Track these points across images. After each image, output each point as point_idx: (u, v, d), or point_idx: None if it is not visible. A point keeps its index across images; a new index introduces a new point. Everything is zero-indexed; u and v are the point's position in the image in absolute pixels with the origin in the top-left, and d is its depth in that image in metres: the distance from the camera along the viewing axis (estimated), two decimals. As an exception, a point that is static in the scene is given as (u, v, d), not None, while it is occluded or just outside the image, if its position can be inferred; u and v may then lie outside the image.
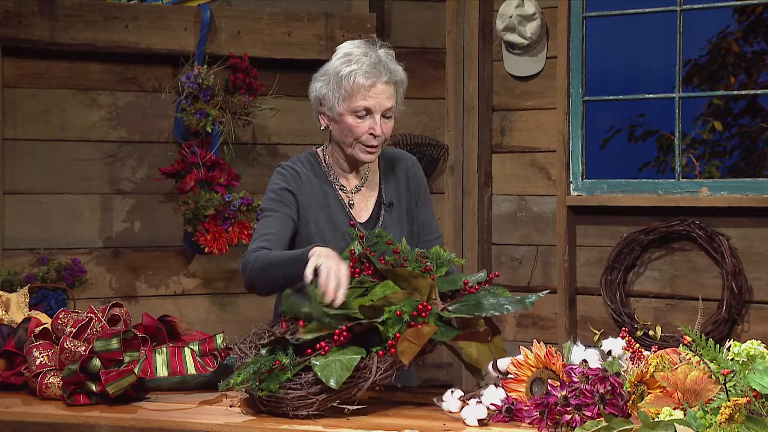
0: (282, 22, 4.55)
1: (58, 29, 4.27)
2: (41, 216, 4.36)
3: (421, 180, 2.99)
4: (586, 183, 4.61)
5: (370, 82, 2.76)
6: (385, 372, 2.40)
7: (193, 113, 4.26)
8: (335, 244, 2.74)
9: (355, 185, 2.90)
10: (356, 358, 2.38)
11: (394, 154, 3.00)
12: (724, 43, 7.23)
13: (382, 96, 2.78)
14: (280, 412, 2.40)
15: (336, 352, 2.41)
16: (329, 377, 2.35)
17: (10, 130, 4.31)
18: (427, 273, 2.55)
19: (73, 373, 2.53)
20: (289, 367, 2.39)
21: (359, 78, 2.75)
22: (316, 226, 2.83)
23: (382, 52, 2.81)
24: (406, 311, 2.40)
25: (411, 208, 2.93)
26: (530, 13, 4.59)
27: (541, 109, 4.69)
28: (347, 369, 2.36)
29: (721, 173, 7.23)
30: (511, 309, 2.49)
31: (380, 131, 2.79)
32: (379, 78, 2.76)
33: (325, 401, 2.39)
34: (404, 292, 2.47)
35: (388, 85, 2.78)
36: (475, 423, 2.29)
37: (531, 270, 4.73)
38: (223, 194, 4.26)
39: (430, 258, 2.62)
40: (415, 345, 2.37)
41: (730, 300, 4.25)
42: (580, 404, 2.15)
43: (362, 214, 2.88)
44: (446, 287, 2.57)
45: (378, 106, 2.78)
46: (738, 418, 1.94)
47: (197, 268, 4.54)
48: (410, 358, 2.37)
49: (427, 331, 2.39)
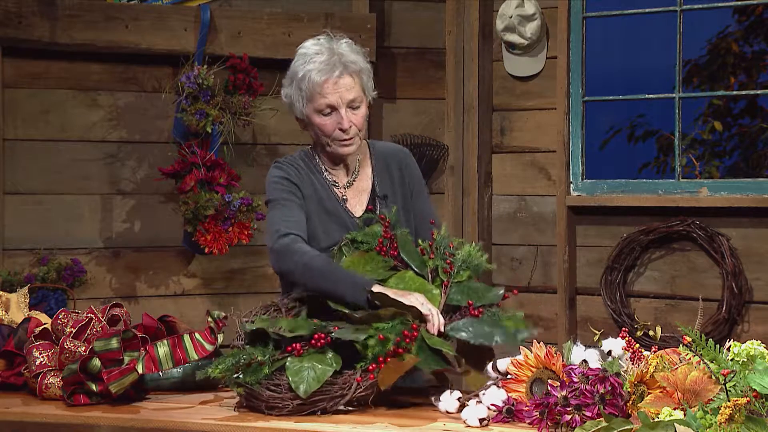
0: (282, 22, 4.55)
1: (58, 29, 4.27)
2: (41, 216, 4.35)
3: (414, 171, 2.97)
4: (586, 183, 4.61)
5: (325, 79, 2.75)
6: (364, 391, 2.40)
7: (193, 113, 4.26)
8: (335, 238, 2.77)
9: (347, 181, 2.90)
10: (329, 371, 2.37)
11: (385, 147, 3.00)
12: (724, 43, 7.22)
13: (342, 90, 2.77)
14: (257, 409, 2.41)
15: (313, 356, 2.40)
16: (299, 384, 2.35)
17: (10, 131, 4.31)
18: (447, 275, 2.54)
19: (73, 373, 2.53)
20: (267, 363, 2.39)
21: (314, 76, 2.76)
22: (319, 220, 2.83)
23: (339, 44, 2.80)
24: (391, 338, 2.40)
25: (407, 200, 2.92)
26: (530, 13, 4.59)
27: (541, 109, 4.69)
28: (318, 381, 2.36)
29: (721, 173, 7.23)
30: (500, 341, 2.48)
31: (347, 124, 2.78)
32: (332, 74, 2.75)
33: (300, 407, 2.38)
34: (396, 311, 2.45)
35: (345, 78, 2.77)
36: (477, 423, 2.29)
37: (531, 270, 4.73)
38: (223, 194, 4.26)
39: (459, 257, 2.60)
40: (396, 373, 2.37)
41: (730, 300, 4.25)
42: (580, 404, 2.15)
43: (357, 209, 2.88)
44: (459, 301, 2.56)
45: (340, 101, 2.77)
46: (738, 419, 1.94)
47: (197, 269, 4.54)
48: (389, 385, 2.38)
49: (408, 362, 2.38)
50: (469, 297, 2.55)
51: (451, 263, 2.57)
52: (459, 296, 2.56)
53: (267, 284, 4.53)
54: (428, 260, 2.60)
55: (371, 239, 2.68)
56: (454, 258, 2.58)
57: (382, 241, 2.64)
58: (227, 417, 2.43)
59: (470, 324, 2.49)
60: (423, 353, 2.42)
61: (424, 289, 2.56)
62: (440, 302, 2.53)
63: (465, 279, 2.59)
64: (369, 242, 2.67)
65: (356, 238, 2.68)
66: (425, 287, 2.57)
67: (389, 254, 2.62)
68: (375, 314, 2.46)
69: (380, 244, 2.64)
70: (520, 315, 2.54)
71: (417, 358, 2.39)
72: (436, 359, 2.43)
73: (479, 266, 2.62)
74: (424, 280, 2.58)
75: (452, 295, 2.55)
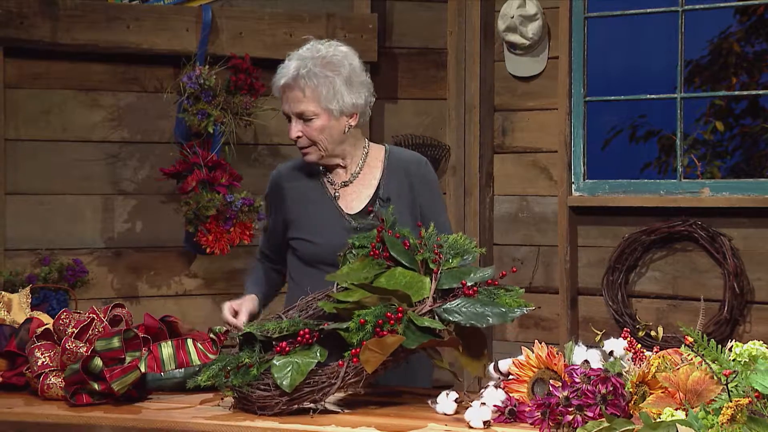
0: (283, 22, 4.55)
1: (60, 30, 4.27)
2: (43, 216, 4.36)
3: (427, 179, 2.99)
4: (587, 183, 4.61)
5: (280, 89, 2.85)
6: (353, 378, 2.40)
7: (195, 114, 4.26)
8: (324, 235, 2.87)
9: (344, 180, 2.95)
10: (312, 363, 2.38)
11: (402, 154, 3.03)
12: (726, 43, 7.23)
13: (293, 101, 2.83)
14: (249, 410, 2.42)
15: (299, 352, 2.41)
16: (283, 379, 2.36)
17: (12, 131, 4.31)
18: (435, 264, 2.54)
19: (75, 372, 2.53)
20: (255, 365, 2.40)
21: (276, 84, 2.86)
22: (307, 221, 2.92)
23: (318, 52, 2.83)
24: (370, 321, 2.40)
25: (415, 207, 2.94)
26: (532, 13, 4.59)
27: (543, 109, 4.69)
28: (302, 373, 2.36)
29: (723, 174, 7.23)
30: (492, 321, 2.45)
31: (294, 134, 2.86)
32: (286, 84, 2.83)
33: (290, 403, 2.38)
34: (378, 297, 2.46)
35: (295, 91, 2.81)
36: (480, 425, 2.28)
37: (532, 271, 4.73)
38: (225, 195, 4.26)
39: (446, 246, 2.61)
40: (379, 354, 2.36)
41: (732, 300, 4.25)
42: (581, 405, 2.15)
43: (353, 205, 2.93)
44: (449, 283, 2.56)
45: (291, 111, 2.85)
46: (740, 419, 1.94)
47: (199, 269, 4.55)
48: (374, 367, 2.37)
49: (391, 341, 2.37)
50: (461, 279, 2.55)
51: (438, 253, 2.57)
52: (449, 279, 2.56)
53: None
54: (418, 255, 2.60)
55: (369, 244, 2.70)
56: (442, 248, 2.59)
57: (374, 245, 2.65)
58: (226, 416, 2.43)
59: (463, 304, 2.48)
60: (409, 332, 2.42)
61: (414, 281, 2.56)
62: (431, 288, 2.53)
63: (456, 265, 2.59)
64: (367, 247, 2.69)
65: (355, 243, 2.70)
66: (414, 279, 2.57)
67: (382, 256, 2.63)
68: (360, 303, 2.46)
69: (372, 248, 2.65)
70: (521, 291, 2.52)
71: (401, 337, 2.38)
72: (423, 335, 2.42)
73: (468, 252, 2.62)
74: (414, 273, 2.59)
75: (442, 280, 2.55)
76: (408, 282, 2.57)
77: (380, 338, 2.37)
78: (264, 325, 2.49)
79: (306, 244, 2.92)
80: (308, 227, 2.91)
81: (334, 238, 2.83)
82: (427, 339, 2.41)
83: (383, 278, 2.59)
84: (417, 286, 2.55)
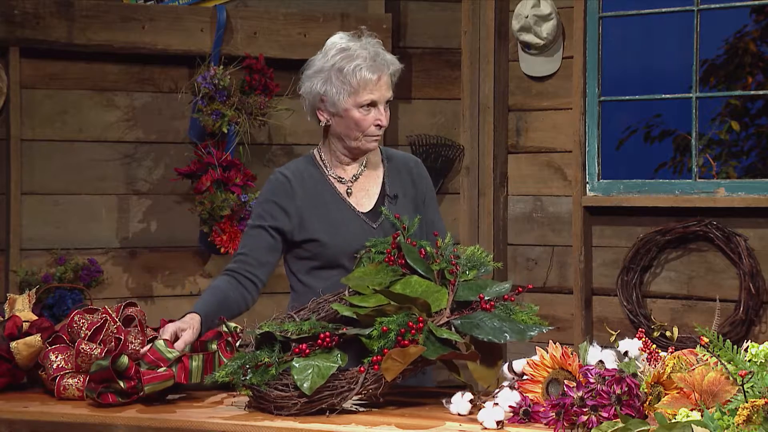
0: (298, 22, 4.56)
1: (75, 30, 4.29)
2: (58, 216, 4.38)
3: (427, 180, 3.03)
4: (602, 183, 4.60)
5: (377, 76, 2.83)
6: (373, 384, 2.40)
7: (209, 114, 4.27)
8: (336, 238, 2.83)
9: (353, 174, 2.94)
10: (333, 367, 2.39)
11: (397, 154, 3.05)
12: (742, 42, 7.20)
13: (384, 87, 2.86)
14: (265, 409, 2.42)
15: (320, 355, 2.41)
16: (303, 381, 2.37)
17: (28, 131, 4.33)
18: (453, 275, 2.54)
19: (104, 369, 2.52)
20: (274, 364, 2.40)
21: (365, 73, 2.82)
22: (320, 224, 2.87)
23: (374, 42, 2.88)
24: (393, 329, 2.40)
25: (418, 204, 2.96)
26: (546, 13, 4.58)
27: (557, 109, 4.68)
28: (322, 377, 2.37)
29: (738, 173, 7.20)
30: (510, 338, 2.45)
31: (386, 121, 2.88)
32: (383, 71, 2.84)
33: (308, 405, 2.39)
34: (398, 306, 2.46)
35: (386, 77, 2.86)
36: (494, 426, 2.28)
37: (547, 271, 4.72)
38: (239, 194, 4.28)
39: (463, 258, 2.61)
40: (400, 363, 2.37)
41: (748, 301, 4.23)
42: (596, 405, 2.15)
43: (365, 203, 2.91)
44: (467, 296, 2.56)
45: (382, 98, 2.86)
46: (756, 420, 1.93)
47: (213, 269, 4.56)
48: (394, 376, 2.38)
49: (413, 351, 2.38)
50: (479, 292, 2.55)
51: (456, 264, 2.58)
52: (467, 292, 2.56)
53: (282, 284, 4.48)
54: (434, 264, 2.60)
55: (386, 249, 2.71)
56: (459, 259, 2.60)
57: (390, 251, 2.66)
58: (244, 416, 2.43)
59: (480, 318, 2.48)
60: (429, 343, 2.42)
61: (431, 291, 2.56)
62: (448, 300, 2.54)
63: (472, 278, 2.59)
64: (383, 252, 2.70)
65: (373, 248, 2.71)
66: (431, 288, 2.57)
67: (397, 263, 2.64)
68: (380, 310, 2.46)
69: (388, 254, 2.66)
70: (535, 309, 2.53)
71: (423, 348, 2.39)
72: (442, 346, 2.43)
73: (484, 265, 2.62)
74: (430, 282, 2.59)
75: (460, 292, 2.55)
76: (424, 291, 2.57)
77: (403, 348, 2.37)
78: (283, 326, 2.49)
79: (320, 245, 2.89)
80: (324, 228, 2.87)
81: (351, 239, 2.83)
82: (446, 351, 2.42)
83: (399, 285, 2.59)
84: (435, 296, 2.55)
